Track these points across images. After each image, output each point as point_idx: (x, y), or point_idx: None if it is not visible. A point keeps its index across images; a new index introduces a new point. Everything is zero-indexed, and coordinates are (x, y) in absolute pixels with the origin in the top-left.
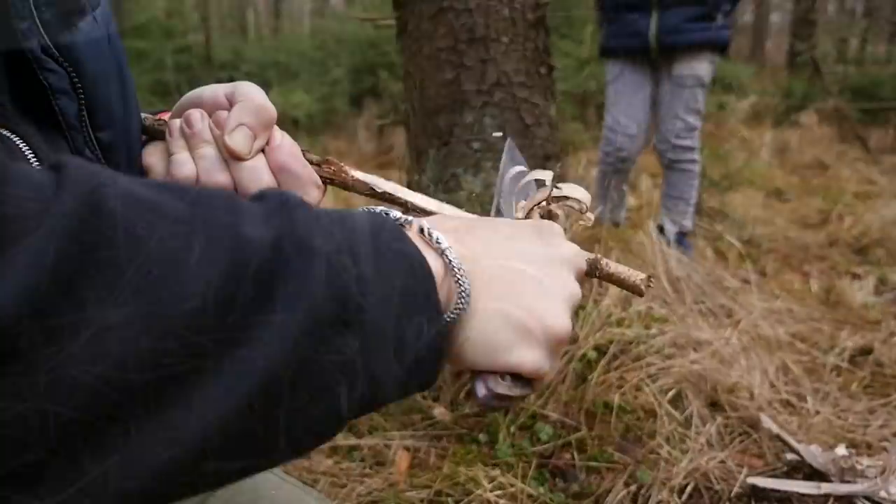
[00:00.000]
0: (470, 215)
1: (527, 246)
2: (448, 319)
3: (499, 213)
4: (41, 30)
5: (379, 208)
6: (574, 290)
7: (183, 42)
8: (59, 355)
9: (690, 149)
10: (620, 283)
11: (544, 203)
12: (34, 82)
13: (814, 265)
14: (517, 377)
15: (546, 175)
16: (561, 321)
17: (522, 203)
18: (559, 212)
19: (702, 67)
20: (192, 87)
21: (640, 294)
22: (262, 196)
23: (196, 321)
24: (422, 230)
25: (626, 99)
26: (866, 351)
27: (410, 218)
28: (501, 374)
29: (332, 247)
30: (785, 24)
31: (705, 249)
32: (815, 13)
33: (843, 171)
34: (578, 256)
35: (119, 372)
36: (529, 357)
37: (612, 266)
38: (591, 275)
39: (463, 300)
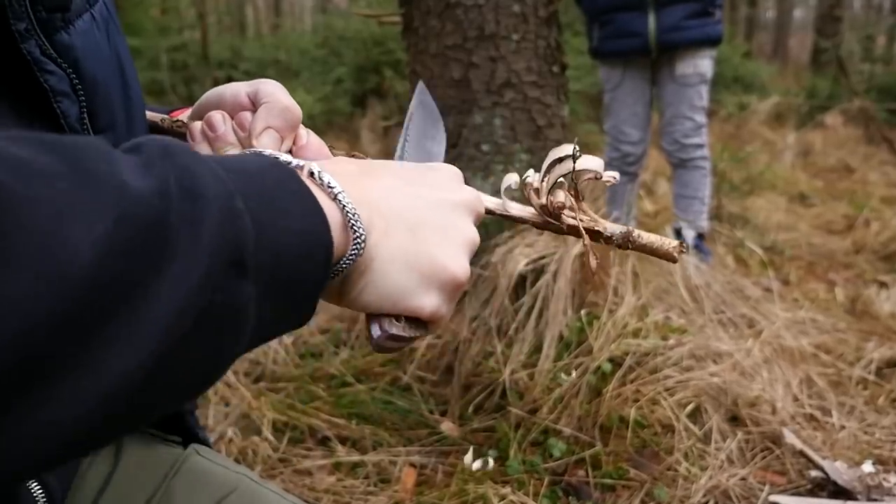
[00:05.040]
0: (370, 160)
1: (426, 190)
2: (343, 265)
3: (402, 158)
4: (38, 30)
5: (268, 151)
6: (472, 234)
7: (178, 40)
8: None
9: (700, 146)
10: (653, 251)
11: (563, 179)
12: (31, 85)
13: (839, 273)
14: (412, 319)
15: (567, 150)
16: (460, 266)
17: (541, 182)
18: (579, 183)
19: (704, 64)
20: (188, 87)
21: (674, 261)
22: (137, 146)
23: (93, 279)
24: (312, 174)
25: (629, 108)
26: (894, 363)
27: (301, 161)
28: (396, 315)
29: (222, 191)
30: (808, 21)
31: (725, 256)
32: (840, 9)
33: (870, 174)
34: (477, 201)
35: (25, 338)
36: (428, 301)
37: (644, 236)
38: (624, 247)
39: (358, 245)
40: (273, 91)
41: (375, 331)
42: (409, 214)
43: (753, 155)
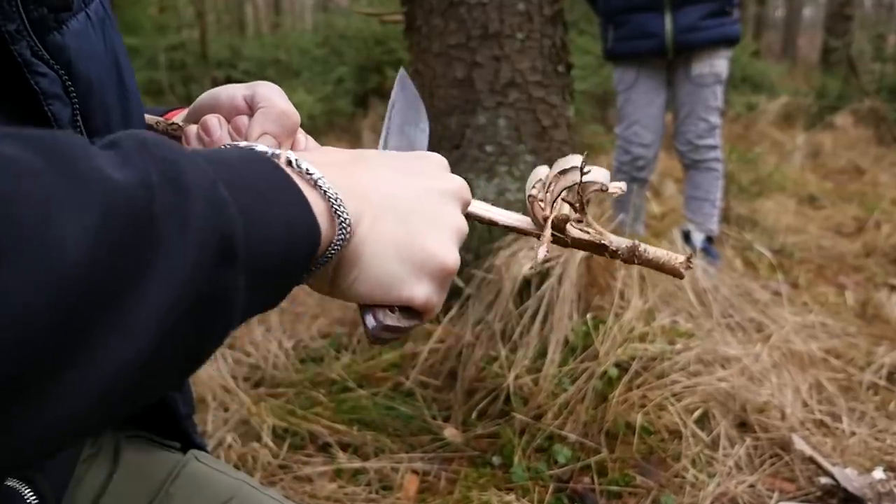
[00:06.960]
0: (355, 150)
1: (414, 179)
2: (331, 252)
3: (385, 147)
4: (30, 31)
5: (243, 143)
6: (461, 222)
7: (177, 39)
8: None
9: (714, 147)
10: (660, 267)
11: (572, 188)
12: (21, 87)
13: (849, 276)
14: (405, 309)
15: (572, 161)
16: (450, 254)
17: (545, 193)
18: (587, 196)
19: (720, 64)
20: (186, 87)
21: (681, 277)
22: (112, 142)
23: (83, 273)
24: (290, 162)
25: (643, 109)
26: None
27: (278, 150)
28: (391, 306)
29: (206, 180)
30: (818, 20)
31: (734, 259)
32: (850, 8)
33: (881, 175)
34: (464, 189)
35: (21, 335)
36: (420, 290)
37: (651, 251)
38: (630, 261)
39: (344, 231)
40: (270, 95)
41: (370, 321)
42: (398, 203)
43: (762, 156)
